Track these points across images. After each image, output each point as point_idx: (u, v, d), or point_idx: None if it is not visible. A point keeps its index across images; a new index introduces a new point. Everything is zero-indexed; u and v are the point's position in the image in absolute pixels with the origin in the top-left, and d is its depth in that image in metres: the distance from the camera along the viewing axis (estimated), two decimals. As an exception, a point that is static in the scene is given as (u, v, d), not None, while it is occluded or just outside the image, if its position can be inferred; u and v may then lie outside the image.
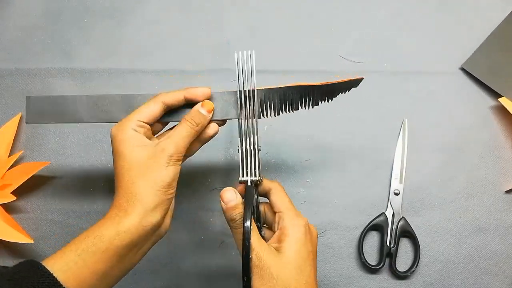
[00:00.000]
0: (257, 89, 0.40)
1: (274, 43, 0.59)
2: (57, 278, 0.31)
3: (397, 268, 0.51)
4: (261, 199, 0.41)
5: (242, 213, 0.35)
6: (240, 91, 0.40)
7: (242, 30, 0.60)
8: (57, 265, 0.32)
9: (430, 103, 0.57)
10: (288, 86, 0.41)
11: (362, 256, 0.51)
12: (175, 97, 0.39)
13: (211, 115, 0.40)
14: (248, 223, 0.34)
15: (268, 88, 0.41)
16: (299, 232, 0.35)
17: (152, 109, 0.38)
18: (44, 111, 0.42)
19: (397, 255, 0.52)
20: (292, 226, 0.36)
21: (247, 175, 0.39)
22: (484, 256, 0.52)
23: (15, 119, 0.56)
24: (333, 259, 0.52)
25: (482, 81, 0.56)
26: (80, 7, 0.61)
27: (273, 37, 0.60)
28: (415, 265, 0.50)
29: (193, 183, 0.54)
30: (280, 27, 0.60)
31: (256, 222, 0.38)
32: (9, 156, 0.54)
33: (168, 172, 0.36)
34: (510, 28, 0.58)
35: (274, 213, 0.39)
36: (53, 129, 0.57)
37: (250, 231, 0.34)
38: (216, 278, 0.52)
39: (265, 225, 0.41)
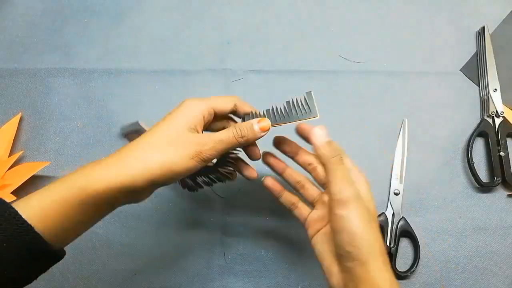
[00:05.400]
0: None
1: (274, 43, 0.59)
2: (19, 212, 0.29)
3: (397, 268, 0.51)
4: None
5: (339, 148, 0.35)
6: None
7: (242, 30, 0.60)
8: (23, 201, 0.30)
9: (430, 103, 0.57)
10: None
11: (362, 256, 0.51)
12: (246, 106, 0.38)
13: (263, 133, 0.37)
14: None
15: None
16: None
17: (225, 104, 0.37)
18: None
19: (397, 255, 0.52)
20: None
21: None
22: (484, 256, 0.52)
23: (15, 119, 0.56)
24: (333, 259, 0.52)
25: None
26: (80, 7, 0.62)
27: (273, 37, 0.60)
28: (415, 265, 0.50)
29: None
30: (280, 27, 0.60)
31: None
32: (9, 156, 0.54)
33: (182, 163, 0.33)
34: (510, 28, 0.58)
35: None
36: (53, 129, 0.57)
37: None
38: (216, 278, 0.52)
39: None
